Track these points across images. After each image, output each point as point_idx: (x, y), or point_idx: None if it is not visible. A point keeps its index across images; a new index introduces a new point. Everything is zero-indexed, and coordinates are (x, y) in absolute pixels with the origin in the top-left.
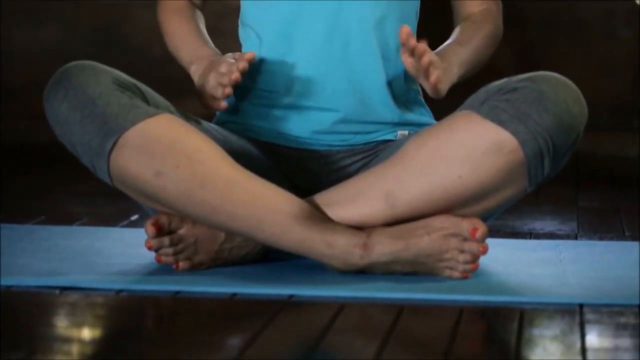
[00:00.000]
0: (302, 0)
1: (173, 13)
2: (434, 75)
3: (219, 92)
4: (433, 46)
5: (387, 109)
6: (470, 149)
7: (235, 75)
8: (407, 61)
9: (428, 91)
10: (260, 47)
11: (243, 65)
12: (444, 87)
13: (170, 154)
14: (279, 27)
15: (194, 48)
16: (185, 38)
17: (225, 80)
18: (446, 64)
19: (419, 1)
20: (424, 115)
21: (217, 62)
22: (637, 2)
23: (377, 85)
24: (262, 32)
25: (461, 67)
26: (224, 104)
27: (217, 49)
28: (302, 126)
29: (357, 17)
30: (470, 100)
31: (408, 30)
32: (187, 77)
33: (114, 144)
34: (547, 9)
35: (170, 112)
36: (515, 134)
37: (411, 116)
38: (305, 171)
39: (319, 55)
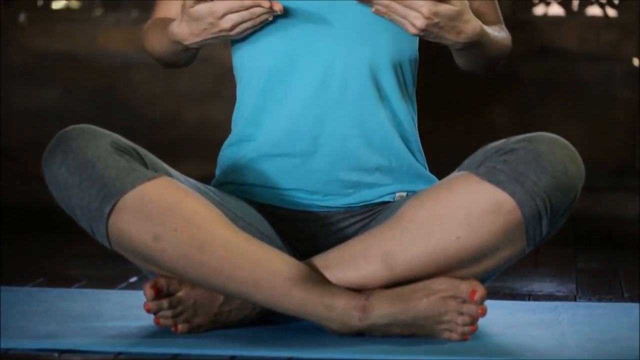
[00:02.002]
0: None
1: (154, 24)
2: None
3: None
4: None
5: (387, 151)
6: (469, 209)
7: None
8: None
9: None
10: (255, 94)
11: None
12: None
13: (169, 217)
14: (273, 74)
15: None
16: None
17: None
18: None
19: (416, 50)
20: (421, 162)
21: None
22: (635, 63)
23: (377, 126)
24: (256, 80)
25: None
26: None
27: None
28: (301, 177)
29: (353, 57)
30: (468, 161)
31: None
32: (186, 139)
33: (113, 207)
34: (545, 69)
35: (169, 175)
36: (512, 194)
37: (410, 163)
38: (303, 233)
39: (316, 98)
